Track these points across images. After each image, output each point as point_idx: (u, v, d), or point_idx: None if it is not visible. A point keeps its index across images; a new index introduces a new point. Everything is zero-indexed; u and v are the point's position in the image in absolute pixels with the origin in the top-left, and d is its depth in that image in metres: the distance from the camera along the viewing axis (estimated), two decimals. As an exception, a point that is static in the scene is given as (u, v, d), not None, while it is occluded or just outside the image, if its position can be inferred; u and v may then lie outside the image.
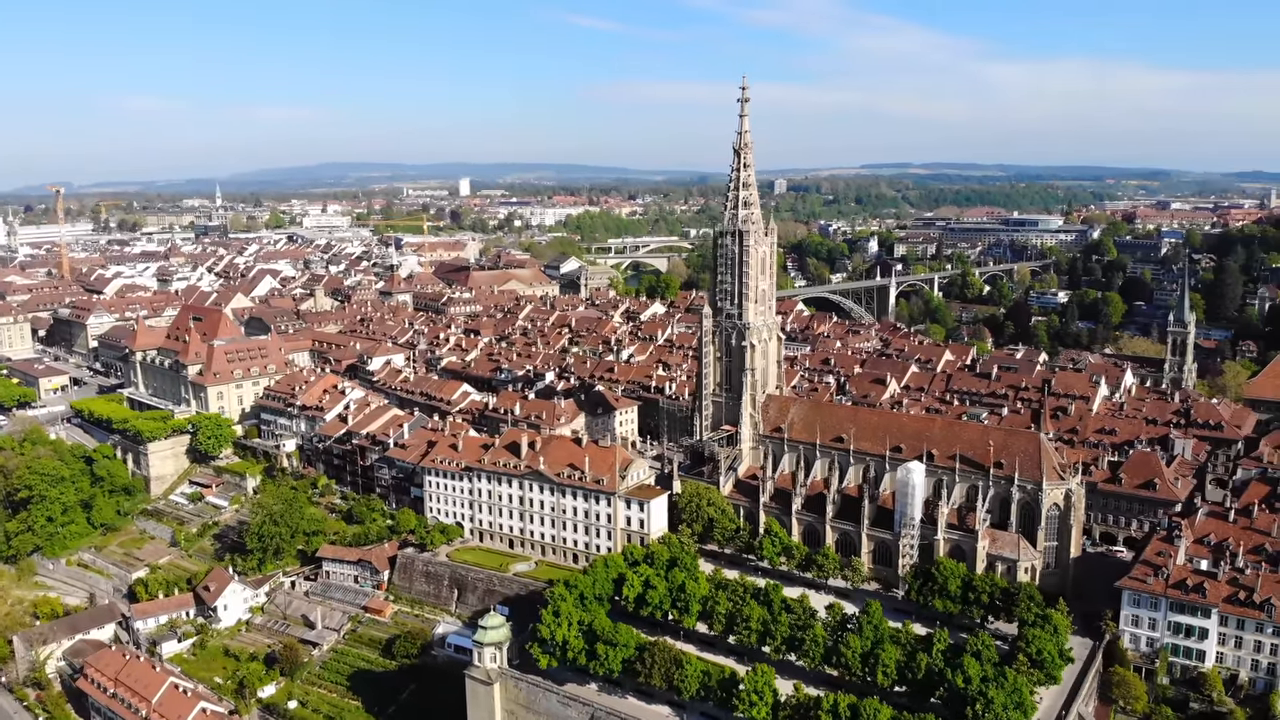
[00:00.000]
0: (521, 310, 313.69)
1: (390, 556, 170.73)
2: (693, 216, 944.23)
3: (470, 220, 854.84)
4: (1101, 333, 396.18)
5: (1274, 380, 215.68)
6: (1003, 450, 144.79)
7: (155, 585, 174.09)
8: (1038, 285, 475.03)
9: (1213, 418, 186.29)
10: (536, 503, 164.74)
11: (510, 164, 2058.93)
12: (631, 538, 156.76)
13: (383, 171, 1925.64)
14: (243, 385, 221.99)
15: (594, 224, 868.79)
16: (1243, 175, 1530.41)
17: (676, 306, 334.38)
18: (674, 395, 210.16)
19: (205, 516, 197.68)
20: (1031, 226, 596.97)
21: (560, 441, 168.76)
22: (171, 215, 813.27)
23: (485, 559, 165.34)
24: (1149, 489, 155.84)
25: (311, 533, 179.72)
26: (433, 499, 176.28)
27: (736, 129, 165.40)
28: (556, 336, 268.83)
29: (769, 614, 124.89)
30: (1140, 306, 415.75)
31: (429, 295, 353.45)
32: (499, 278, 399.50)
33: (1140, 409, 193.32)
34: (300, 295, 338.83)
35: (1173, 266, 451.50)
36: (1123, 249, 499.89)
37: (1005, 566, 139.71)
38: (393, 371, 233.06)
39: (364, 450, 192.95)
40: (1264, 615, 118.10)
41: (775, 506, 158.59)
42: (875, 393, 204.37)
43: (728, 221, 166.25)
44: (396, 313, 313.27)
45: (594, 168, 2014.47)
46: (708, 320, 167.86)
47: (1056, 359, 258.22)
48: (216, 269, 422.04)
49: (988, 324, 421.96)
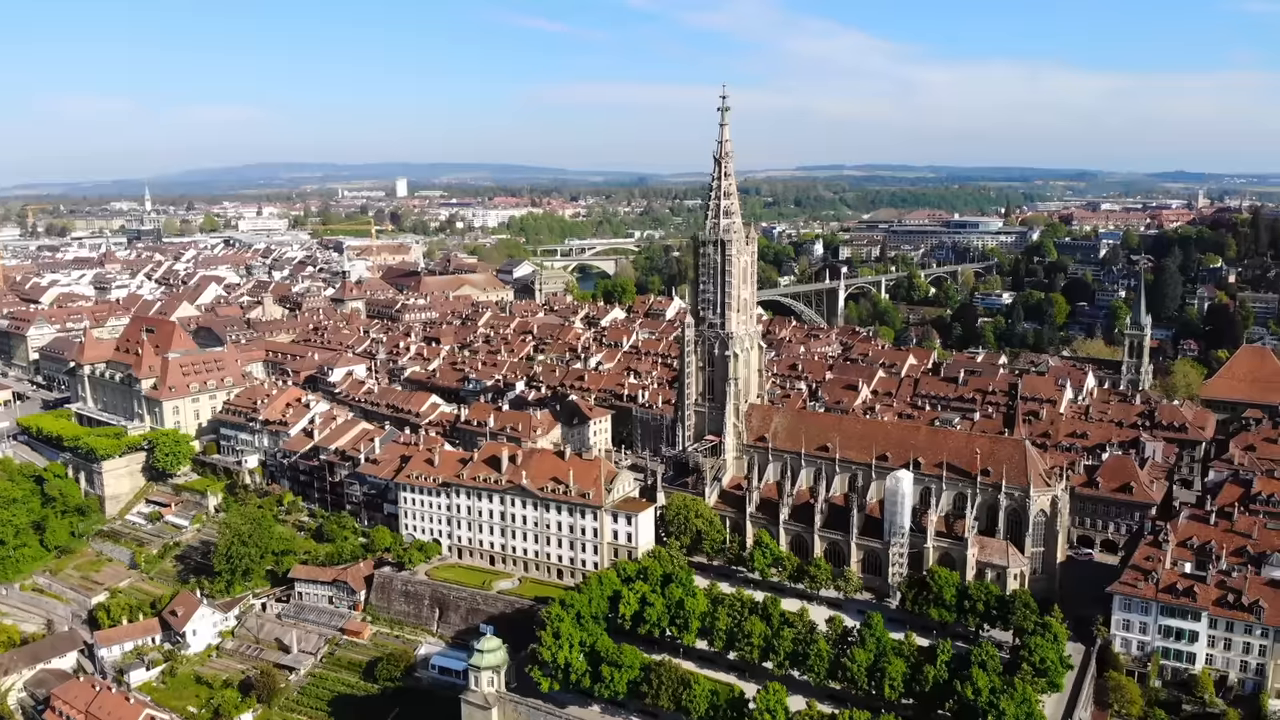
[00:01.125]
0: (481, 317, 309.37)
1: (366, 576, 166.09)
2: (636, 219, 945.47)
3: (411, 222, 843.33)
4: (1047, 333, 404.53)
5: (1229, 381, 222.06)
6: (989, 458, 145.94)
7: (118, 610, 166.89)
8: (982, 287, 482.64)
9: (1177, 419, 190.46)
10: (519, 518, 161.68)
11: (447, 164, 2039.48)
12: (619, 552, 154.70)
13: (315, 172, 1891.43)
14: (199, 399, 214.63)
15: (537, 226, 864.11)
16: (1165, 175, 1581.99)
17: (635, 311, 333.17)
18: (647, 404, 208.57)
19: (165, 537, 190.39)
20: (972, 228, 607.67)
21: (542, 455, 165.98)
22: (101, 219, 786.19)
23: (466, 577, 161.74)
24: (1125, 492, 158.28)
25: (281, 552, 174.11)
26: (408, 516, 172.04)
27: (716, 138, 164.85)
28: (520, 344, 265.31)
29: (769, 629, 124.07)
30: (1083, 307, 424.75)
31: (382, 302, 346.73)
32: (452, 283, 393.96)
33: (1105, 412, 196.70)
34: (248, 303, 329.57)
35: (1112, 267, 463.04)
36: (1063, 250, 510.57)
37: (995, 573, 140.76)
38: (355, 383, 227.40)
39: (333, 466, 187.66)
40: (1253, 618, 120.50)
41: (762, 517, 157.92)
42: (847, 399, 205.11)
43: (709, 230, 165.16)
44: (350, 320, 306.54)
45: (532, 168, 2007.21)
46: (690, 330, 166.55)
47: (1016, 361, 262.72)
48: (155, 276, 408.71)
49: (935, 325, 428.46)
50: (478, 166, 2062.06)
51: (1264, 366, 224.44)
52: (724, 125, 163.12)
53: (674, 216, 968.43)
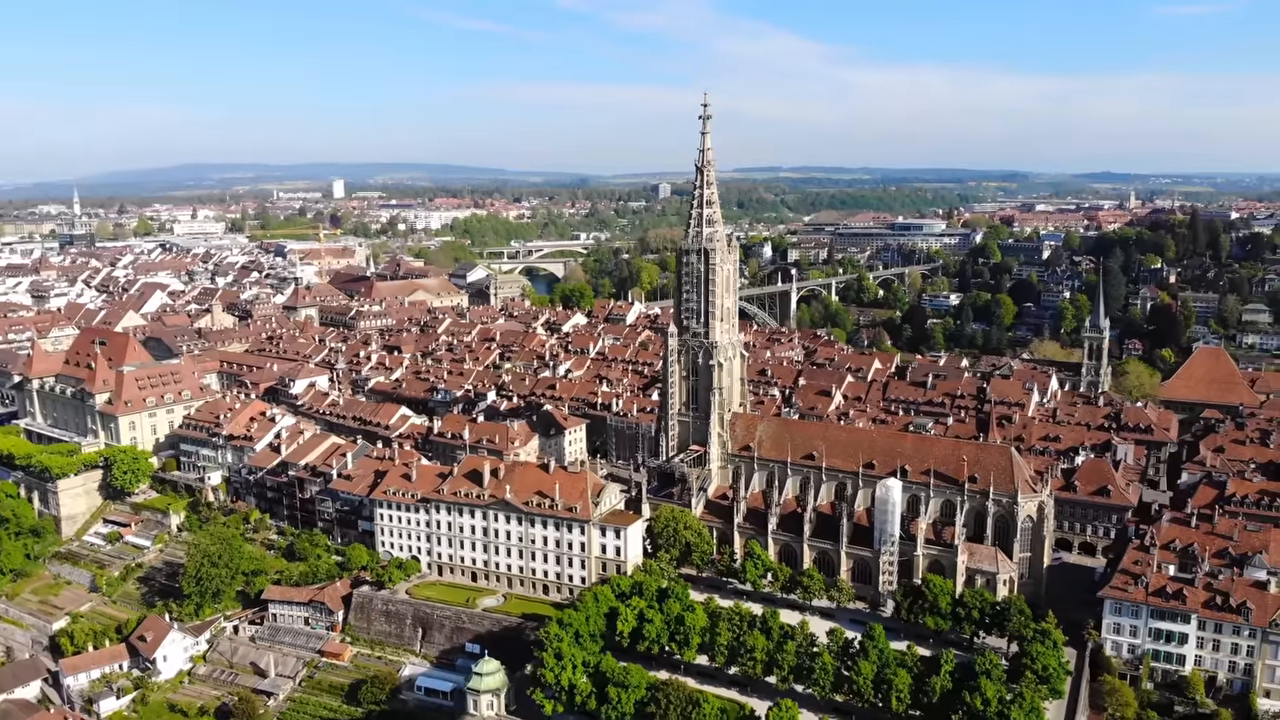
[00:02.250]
0: (440, 324, 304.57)
1: (344, 595, 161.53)
2: (582, 220, 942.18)
3: (351, 224, 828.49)
4: (996, 334, 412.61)
5: (1187, 382, 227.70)
6: (976, 465, 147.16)
7: (82, 636, 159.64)
8: (929, 288, 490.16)
9: (1142, 421, 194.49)
10: (502, 533, 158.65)
11: (383, 164, 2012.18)
12: (607, 566, 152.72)
13: (247, 172, 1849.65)
14: (156, 414, 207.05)
15: (482, 228, 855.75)
16: (1093, 176, 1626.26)
17: (596, 316, 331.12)
18: (622, 412, 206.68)
19: (127, 558, 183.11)
20: (916, 231, 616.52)
21: (526, 468, 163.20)
22: (30, 224, 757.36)
23: (449, 594, 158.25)
24: (1103, 495, 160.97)
25: (252, 573, 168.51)
26: (385, 533, 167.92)
27: (698, 146, 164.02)
28: (486, 352, 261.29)
29: (770, 643, 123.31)
30: (1030, 308, 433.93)
31: (335, 309, 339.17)
32: (405, 288, 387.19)
33: (1073, 414, 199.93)
34: (195, 311, 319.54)
35: (1056, 268, 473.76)
36: (1006, 252, 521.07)
37: (984, 579, 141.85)
38: (318, 395, 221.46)
39: (303, 482, 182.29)
40: (1241, 619, 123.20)
41: (750, 527, 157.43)
42: (821, 404, 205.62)
43: (691, 240, 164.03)
44: (305, 329, 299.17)
45: (471, 169, 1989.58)
46: (673, 339, 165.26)
47: (978, 365, 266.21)
48: (94, 283, 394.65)
49: (886, 327, 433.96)
50: (415, 167, 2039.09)
51: (1220, 368, 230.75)
52: (705, 134, 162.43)
53: (619, 218, 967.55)
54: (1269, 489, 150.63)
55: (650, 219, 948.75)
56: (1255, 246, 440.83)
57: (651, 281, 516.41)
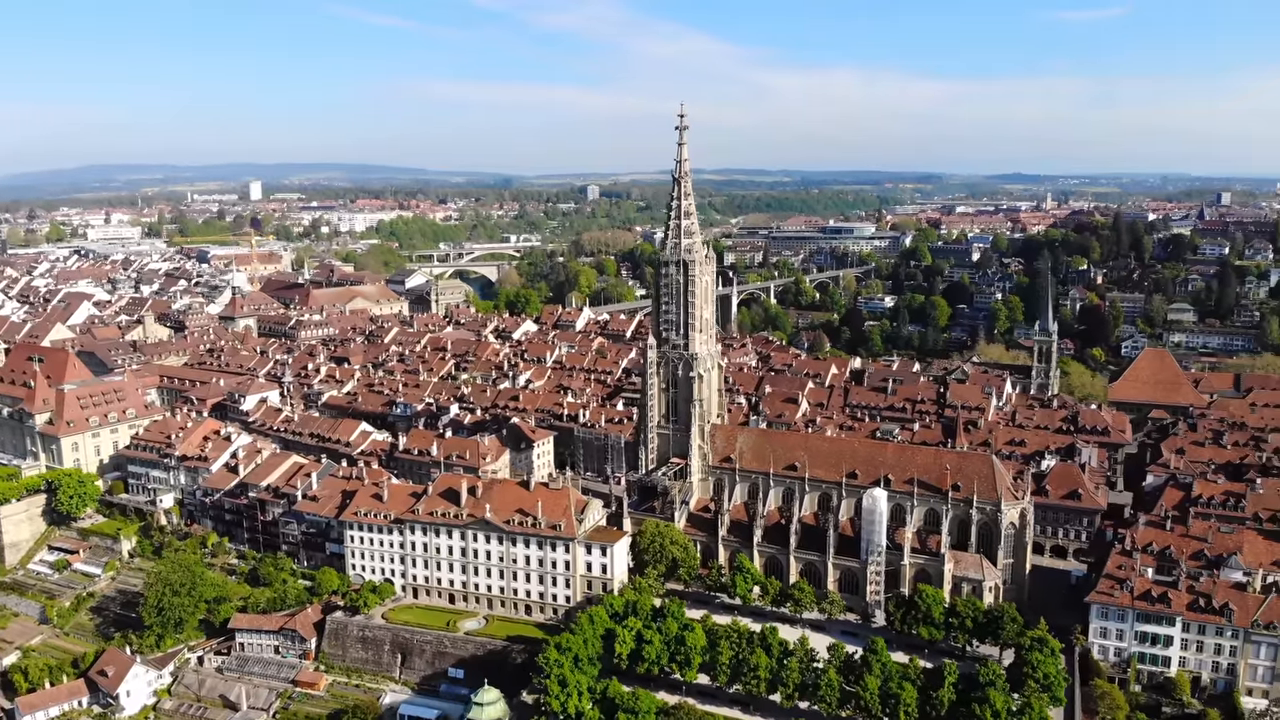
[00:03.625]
0: (386, 333, 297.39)
1: (316, 622, 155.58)
2: (511, 222, 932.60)
3: (273, 227, 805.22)
4: (931, 335, 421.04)
5: (1134, 384, 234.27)
6: (958, 473, 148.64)
7: (36, 672, 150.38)
8: (864, 291, 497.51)
9: (1099, 423, 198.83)
10: (482, 554, 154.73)
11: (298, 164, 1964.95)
12: (593, 585, 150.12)
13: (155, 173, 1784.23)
14: (100, 434, 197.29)
15: (409, 230, 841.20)
16: (1005, 177, 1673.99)
17: (544, 323, 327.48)
18: (589, 423, 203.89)
19: (77, 587, 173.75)
20: (847, 234, 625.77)
21: (505, 486, 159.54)
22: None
23: (427, 618, 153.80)
24: (1074, 499, 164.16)
25: (215, 600, 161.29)
26: (356, 555, 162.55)
27: (675, 157, 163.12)
28: (439, 362, 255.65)
29: (772, 660, 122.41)
30: (963, 310, 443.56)
31: (273, 318, 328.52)
32: (342, 295, 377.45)
33: (1031, 418, 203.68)
34: (126, 323, 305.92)
35: (987, 270, 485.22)
36: (937, 254, 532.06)
37: (971, 587, 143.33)
38: (270, 411, 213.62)
39: (264, 504, 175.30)
40: (1224, 620, 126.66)
41: (734, 539, 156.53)
42: (789, 412, 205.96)
43: (670, 251, 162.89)
44: (245, 340, 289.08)
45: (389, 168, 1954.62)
46: (652, 351, 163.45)
47: (929, 369, 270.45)
48: (12, 293, 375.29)
49: (825, 329, 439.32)
50: (331, 166, 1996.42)
51: (1165, 369, 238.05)
52: (682, 145, 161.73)
53: (549, 220, 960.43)
54: (1233, 490, 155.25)
55: (581, 221, 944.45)
56: (1176, 247, 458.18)
57: (590, 285, 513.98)
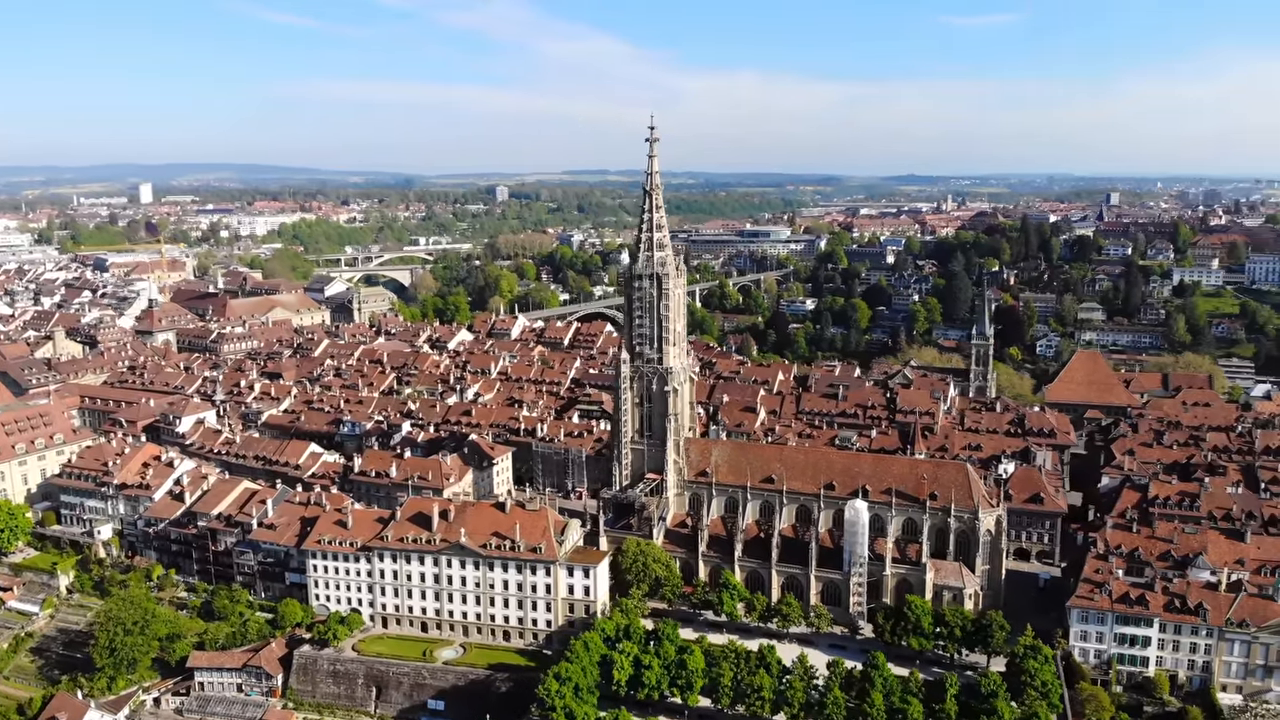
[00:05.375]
0: (315, 346, 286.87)
1: (282, 657, 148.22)
2: (419, 224, 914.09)
3: (169, 232, 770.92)
4: (854, 337, 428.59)
5: (1069, 385, 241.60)
6: (934, 482, 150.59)
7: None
8: (785, 294, 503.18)
9: (1045, 425, 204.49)
10: (457, 579, 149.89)
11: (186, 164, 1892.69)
12: (575, 608, 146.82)
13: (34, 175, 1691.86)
14: (27, 461, 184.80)
15: (313, 233, 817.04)
16: (900, 179, 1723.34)
17: (478, 331, 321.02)
18: (547, 437, 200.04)
19: (15, 627, 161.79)
20: (764, 237, 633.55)
21: (479, 508, 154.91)
22: None
23: (402, 648, 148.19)
24: (1036, 503, 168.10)
25: (169, 637, 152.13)
26: (320, 585, 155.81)
27: (645, 169, 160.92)
28: (379, 376, 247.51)
29: (773, 679, 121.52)
30: (883, 311, 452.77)
31: (193, 331, 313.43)
32: (260, 305, 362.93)
33: (980, 422, 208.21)
34: (35, 339, 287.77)
35: (903, 273, 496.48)
36: (853, 257, 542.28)
37: (951, 595, 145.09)
38: (209, 432, 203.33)
39: (215, 534, 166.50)
40: (1199, 619, 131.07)
41: (714, 555, 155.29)
42: (748, 421, 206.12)
43: (642, 264, 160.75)
44: (166, 356, 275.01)
45: (283, 168, 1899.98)
46: (625, 366, 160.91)
47: (869, 372, 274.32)
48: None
49: (750, 332, 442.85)
50: (221, 167, 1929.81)
51: (1098, 370, 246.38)
52: (652, 157, 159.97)
53: (459, 222, 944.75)
54: (1187, 490, 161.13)
55: (491, 222, 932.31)
56: (1082, 248, 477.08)
57: (511, 289, 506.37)
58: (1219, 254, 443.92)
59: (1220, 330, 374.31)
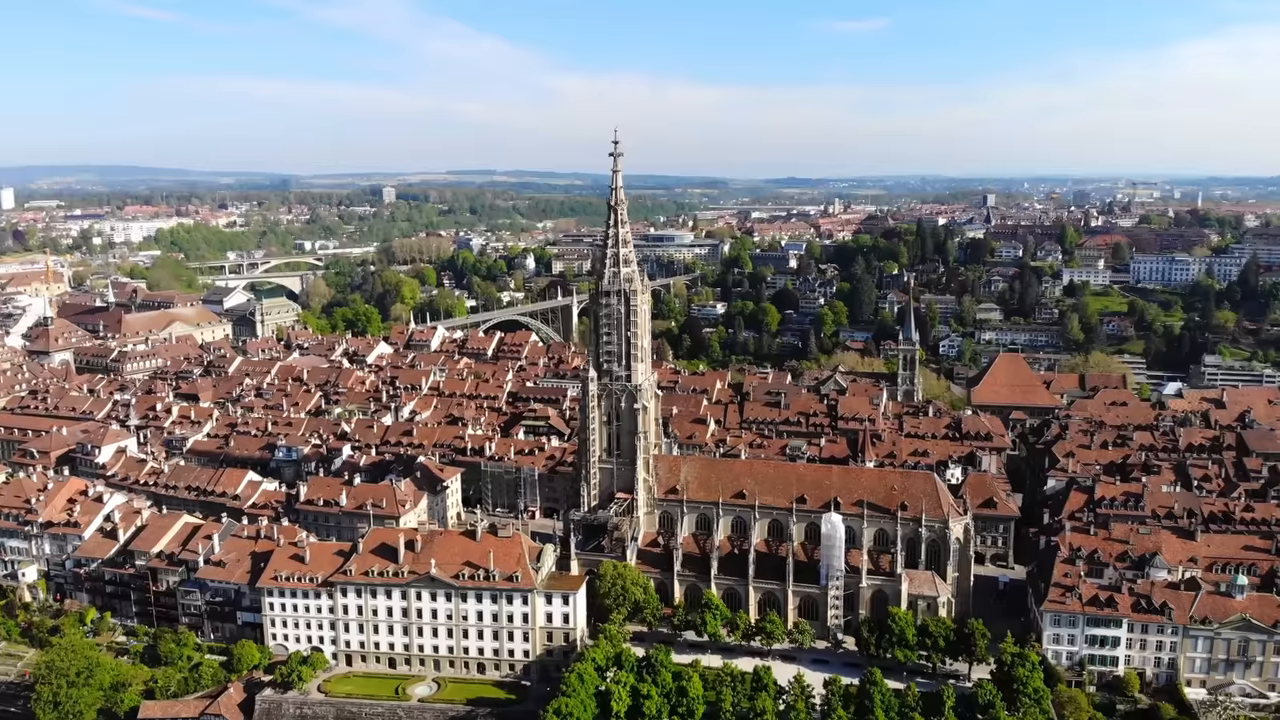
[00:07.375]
0: (227, 363, 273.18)
1: (241, 703, 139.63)
2: (303, 228, 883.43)
3: (37, 240, 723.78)
4: (766, 341, 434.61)
5: (993, 388, 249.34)
6: (904, 492, 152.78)
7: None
8: (697, 299, 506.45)
9: (980, 429, 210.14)
10: (427, 612, 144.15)
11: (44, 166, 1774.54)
12: (553, 636, 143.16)
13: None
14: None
15: (192, 239, 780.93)
16: (782, 181, 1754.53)
17: (395, 343, 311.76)
18: (496, 455, 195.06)
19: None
20: (669, 241, 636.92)
21: (448, 537, 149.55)
22: None
23: (372, 687, 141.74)
24: (990, 507, 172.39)
25: (114, 686, 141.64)
26: (276, 624, 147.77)
27: (610, 184, 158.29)
28: (303, 395, 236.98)
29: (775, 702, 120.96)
30: (791, 315, 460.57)
31: (91, 350, 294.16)
32: (158, 320, 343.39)
33: (917, 427, 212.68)
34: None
35: (807, 276, 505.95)
36: (757, 261, 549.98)
37: (926, 604, 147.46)
38: (132, 462, 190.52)
39: (156, 573, 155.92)
40: (1165, 618, 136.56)
41: (689, 573, 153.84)
42: (699, 433, 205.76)
43: (609, 281, 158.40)
44: (67, 378, 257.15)
45: (148, 169, 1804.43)
46: (593, 384, 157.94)
47: (801, 379, 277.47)
48: None
49: (666, 338, 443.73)
50: (83, 169, 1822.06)
51: (1019, 373, 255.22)
52: (616, 172, 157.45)
53: (345, 225, 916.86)
54: (1130, 490, 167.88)
55: (380, 225, 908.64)
56: (976, 250, 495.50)
57: (414, 297, 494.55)
58: (1104, 255, 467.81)
59: (1111, 328, 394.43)
